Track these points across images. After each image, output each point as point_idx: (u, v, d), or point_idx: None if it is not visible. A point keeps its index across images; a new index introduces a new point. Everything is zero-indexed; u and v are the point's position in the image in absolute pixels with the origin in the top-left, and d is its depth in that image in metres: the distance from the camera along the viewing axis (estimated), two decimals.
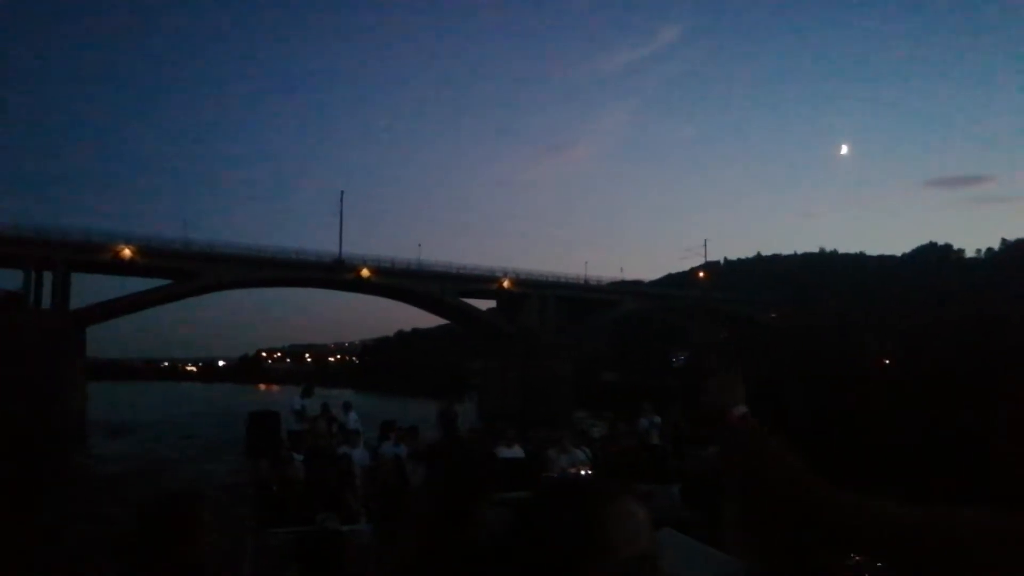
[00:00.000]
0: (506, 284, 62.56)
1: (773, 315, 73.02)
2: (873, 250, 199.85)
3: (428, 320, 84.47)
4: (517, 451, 9.50)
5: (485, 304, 68.99)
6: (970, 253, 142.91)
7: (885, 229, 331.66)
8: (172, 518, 2.07)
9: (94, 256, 50.22)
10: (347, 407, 12.94)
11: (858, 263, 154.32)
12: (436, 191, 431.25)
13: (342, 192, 61.47)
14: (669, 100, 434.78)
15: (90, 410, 51.07)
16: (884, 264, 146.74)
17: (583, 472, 8.89)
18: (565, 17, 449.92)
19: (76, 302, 52.15)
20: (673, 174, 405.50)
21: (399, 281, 59.72)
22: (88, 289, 62.72)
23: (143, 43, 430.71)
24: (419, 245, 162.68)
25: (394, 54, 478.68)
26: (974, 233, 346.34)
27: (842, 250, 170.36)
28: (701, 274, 75.93)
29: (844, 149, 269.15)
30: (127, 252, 50.16)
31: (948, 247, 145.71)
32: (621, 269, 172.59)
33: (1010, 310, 65.30)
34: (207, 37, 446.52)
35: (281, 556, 5.87)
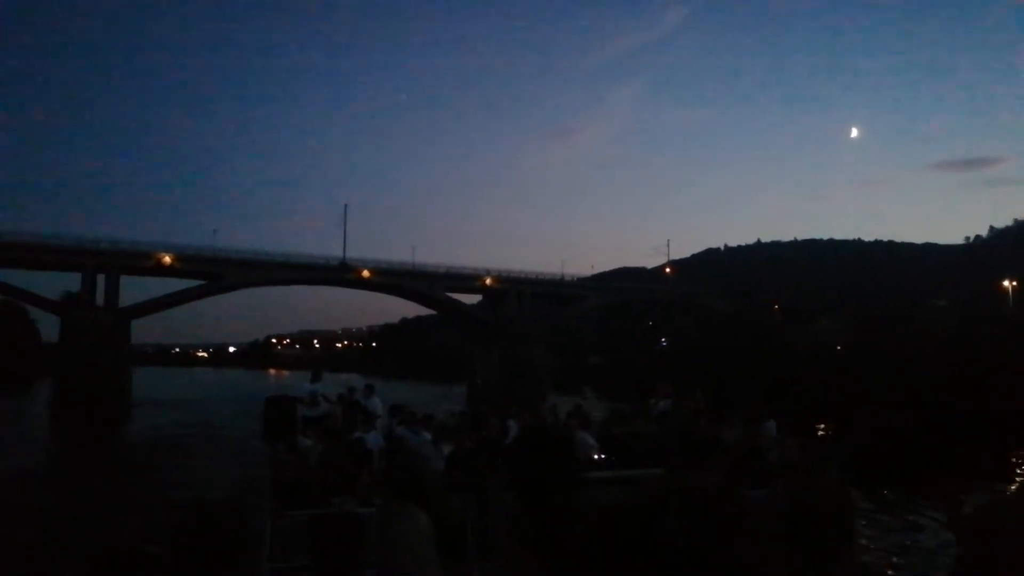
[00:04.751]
0: (488, 281, 75.91)
1: (724, 304, 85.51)
2: (872, 234, 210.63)
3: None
4: None
5: (474, 298, 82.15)
6: (957, 240, 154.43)
7: (892, 212, 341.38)
8: (213, 527, 3.94)
9: (140, 262, 63.73)
10: (370, 391, 12.99)
11: (854, 249, 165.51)
12: (434, 193, 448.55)
13: (345, 205, 75.44)
14: (675, 84, 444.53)
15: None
16: (873, 249, 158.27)
17: (596, 457, 9.14)
18: (569, 2, 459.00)
19: (122, 300, 65.69)
20: (679, 158, 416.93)
21: (395, 280, 73.29)
22: (130, 287, 75.96)
23: (170, 73, 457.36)
24: (413, 249, 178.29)
25: (397, 55, 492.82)
26: (986, 216, 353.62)
27: (840, 236, 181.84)
28: (668, 270, 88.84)
29: (854, 132, 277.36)
30: (167, 259, 63.70)
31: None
32: (592, 266, 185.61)
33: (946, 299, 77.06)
34: (224, 66, 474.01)
35: (298, 538, 6.26)
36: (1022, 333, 51.53)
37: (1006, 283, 75.14)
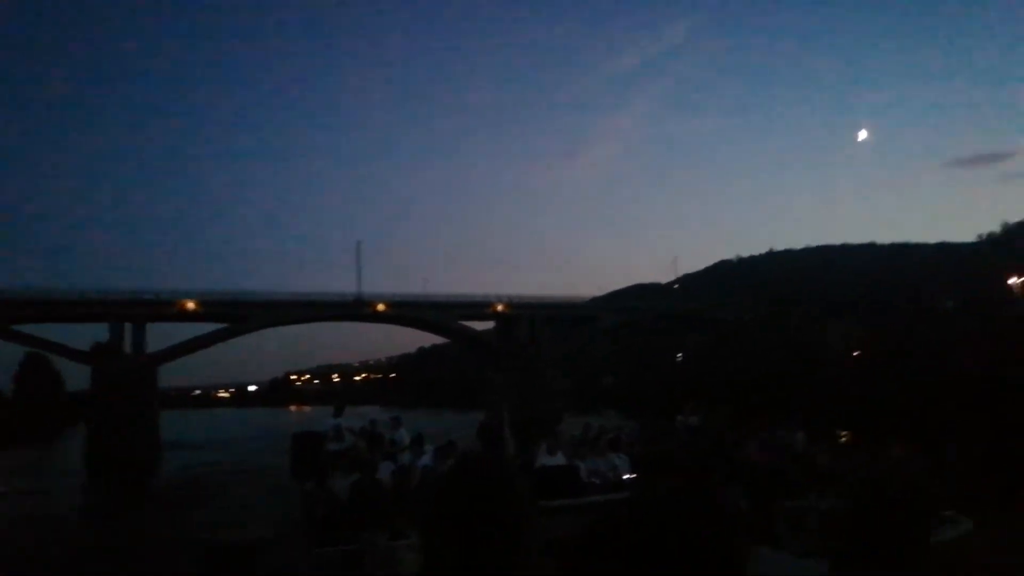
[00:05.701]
0: (500, 308, 78.79)
1: (734, 317, 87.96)
2: (886, 237, 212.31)
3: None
4: (559, 458, 9.67)
5: (486, 324, 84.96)
6: (971, 238, 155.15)
7: (907, 212, 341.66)
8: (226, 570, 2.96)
9: (164, 310, 67.19)
10: (396, 423, 12.99)
11: (867, 252, 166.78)
12: (444, 220, 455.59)
13: (359, 242, 78.67)
14: (682, 97, 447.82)
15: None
16: (887, 252, 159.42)
17: (624, 477, 9.27)
18: (569, 22, 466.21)
19: (149, 346, 68.97)
20: (689, 171, 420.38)
21: (409, 312, 76.46)
22: (156, 333, 79.55)
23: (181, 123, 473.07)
24: (425, 279, 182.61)
25: (403, 81, 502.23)
26: (1001, 211, 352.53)
27: (854, 240, 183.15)
28: (675, 287, 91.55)
29: (863, 134, 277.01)
30: (190, 305, 67.13)
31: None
32: (600, 287, 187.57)
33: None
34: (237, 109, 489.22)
35: (331, 573, 6.36)
36: None
37: (1012, 280, 75.27)
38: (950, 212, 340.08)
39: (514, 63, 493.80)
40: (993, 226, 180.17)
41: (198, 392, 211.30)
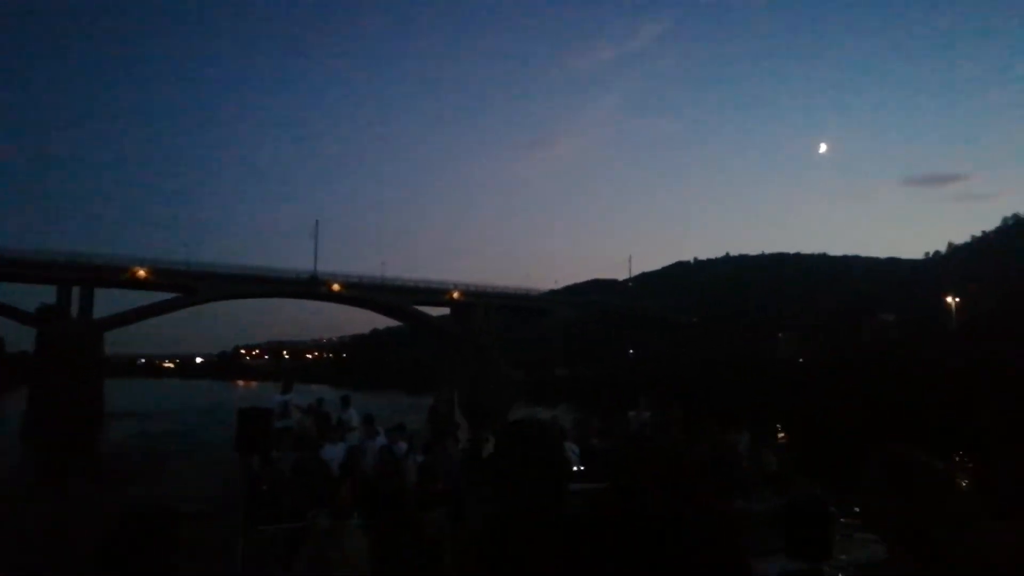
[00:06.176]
0: (456, 295, 79.54)
1: (686, 318, 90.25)
2: (840, 249, 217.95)
3: None
4: None
5: (442, 310, 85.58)
6: (920, 255, 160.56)
7: (860, 226, 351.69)
8: (143, 537, 2.19)
9: (116, 276, 66.27)
10: (346, 402, 12.97)
11: (820, 263, 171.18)
12: (406, 206, 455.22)
13: (316, 221, 78.58)
14: (650, 97, 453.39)
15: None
16: (838, 264, 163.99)
17: (574, 468, 8.79)
18: (546, 14, 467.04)
19: (97, 312, 68.00)
20: (653, 171, 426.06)
21: (364, 293, 76.64)
22: (104, 300, 77.83)
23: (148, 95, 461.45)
24: (383, 262, 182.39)
25: (370, 70, 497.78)
26: (951, 231, 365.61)
27: (808, 250, 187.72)
28: (630, 284, 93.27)
29: (823, 148, 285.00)
30: (142, 273, 66.36)
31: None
32: (556, 281, 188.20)
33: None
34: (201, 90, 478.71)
35: (272, 553, 6.24)
36: (964, 347, 55.90)
37: (949, 299, 78.44)
38: (902, 228, 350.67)
39: (484, 54, 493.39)
40: (940, 245, 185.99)
41: (143, 361, 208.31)
